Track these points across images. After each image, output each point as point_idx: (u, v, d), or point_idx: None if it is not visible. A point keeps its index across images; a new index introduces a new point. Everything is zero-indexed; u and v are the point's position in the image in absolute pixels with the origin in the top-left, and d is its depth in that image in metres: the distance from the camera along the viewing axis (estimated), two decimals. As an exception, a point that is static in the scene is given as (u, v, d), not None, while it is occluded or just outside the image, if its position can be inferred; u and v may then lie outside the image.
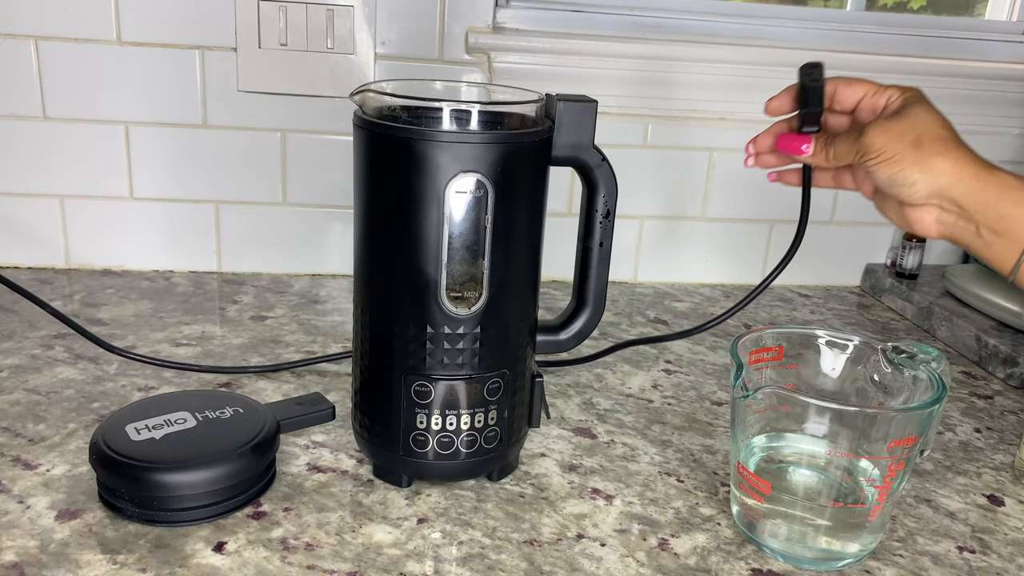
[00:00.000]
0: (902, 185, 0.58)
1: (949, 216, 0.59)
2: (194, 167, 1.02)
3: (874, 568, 0.58)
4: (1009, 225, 0.57)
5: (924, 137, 0.58)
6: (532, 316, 0.64)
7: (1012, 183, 0.57)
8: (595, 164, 0.62)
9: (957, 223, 0.59)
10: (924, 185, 0.58)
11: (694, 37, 1.09)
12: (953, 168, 0.57)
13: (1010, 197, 0.57)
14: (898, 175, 0.58)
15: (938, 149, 0.57)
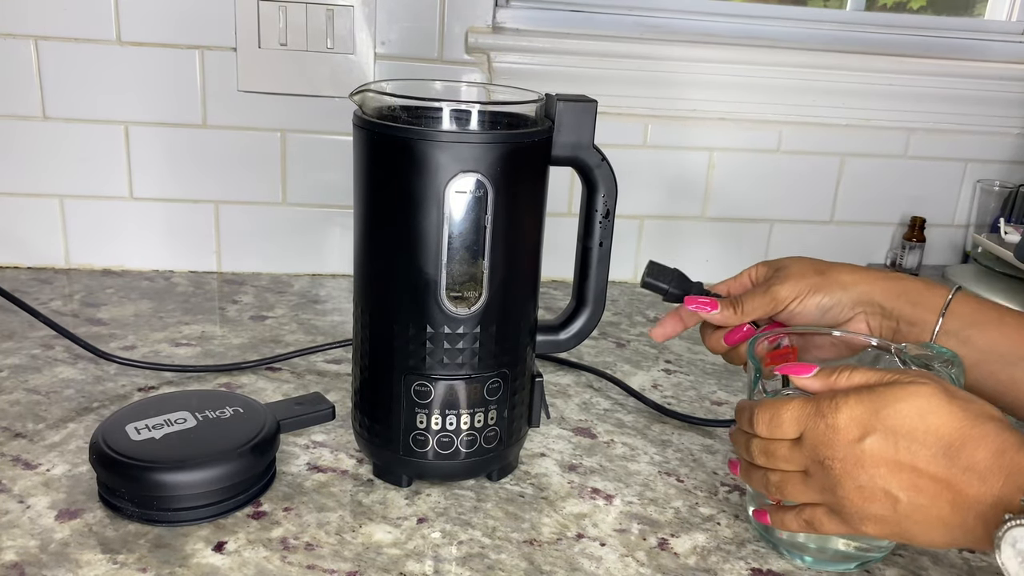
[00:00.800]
0: (831, 307, 0.64)
1: (874, 319, 0.64)
2: (194, 167, 1.02)
3: (874, 568, 0.58)
4: (920, 313, 0.62)
5: (820, 267, 0.65)
6: (532, 316, 0.64)
7: (912, 280, 0.64)
8: (595, 164, 0.62)
9: (882, 323, 0.64)
10: (848, 298, 0.63)
11: (694, 37, 1.10)
12: (860, 278, 0.64)
13: (914, 290, 0.63)
14: (823, 301, 0.64)
15: (837, 269, 0.65)
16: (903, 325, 0.62)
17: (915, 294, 0.63)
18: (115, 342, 0.85)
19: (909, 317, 0.62)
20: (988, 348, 0.60)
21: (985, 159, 1.18)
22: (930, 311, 0.62)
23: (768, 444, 0.51)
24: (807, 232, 1.17)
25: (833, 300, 0.63)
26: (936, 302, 0.62)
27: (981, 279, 1.04)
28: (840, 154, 1.14)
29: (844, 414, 0.48)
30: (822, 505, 0.50)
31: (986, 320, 0.61)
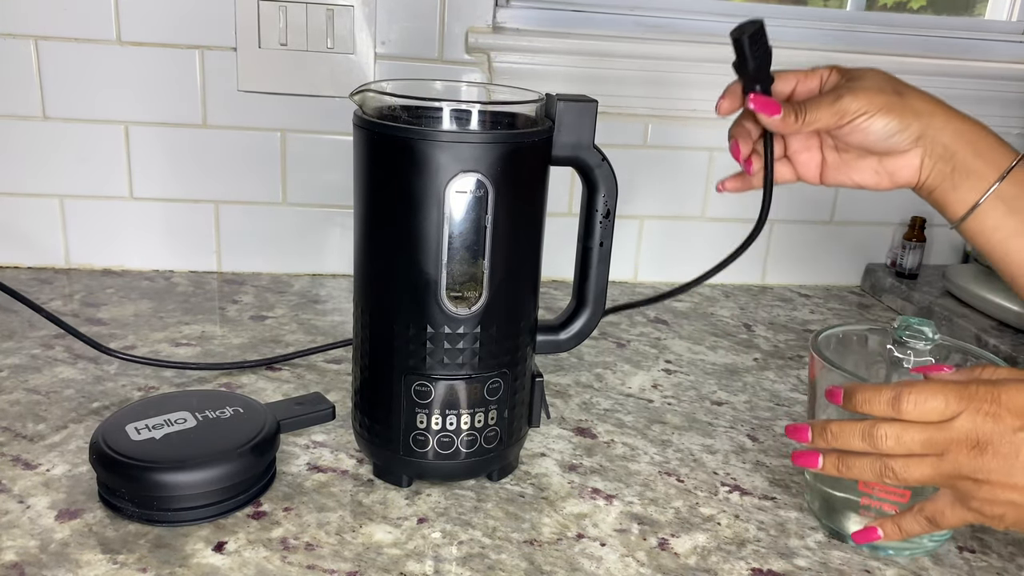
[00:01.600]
0: (896, 134, 0.59)
1: (930, 158, 0.60)
2: (194, 167, 1.02)
3: (874, 568, 0.58)
4: (979, 166, 0.59)
5: (898, 87, 0.60)
6: (532, 316, 0.64)
7: (983, 128, 0.60)
8: (595, 164, 0.62)
9: (936, 166, 0.60)
10: (916, 128, 0.59)
11: (694, 37, 1.09)
12: (938, 108, 0.60)
13: (984, 139, 0.59)
14: (891, 125, 0.59)
15: (917, 95, 0.60)
16: (958, 173, 0.59)
17: (983, 145, 0.59)
18: (115, 342, 0.85)
19: (969, 166, 0.59)
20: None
21: (985, 159, 1.18)
22: (992, 167, 0.59)
23: (905, 427, 0.49)
24: (807, 232, 1.17)
25: (902, 126, 0.59)
26: (1001, 161, 0.59)
27: (981, 279, 1.04)
28: (840, 154, 1.13)
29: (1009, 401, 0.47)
30: (945, 496, 0.50)
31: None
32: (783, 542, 0.60)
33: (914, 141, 0.60)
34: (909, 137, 0.59)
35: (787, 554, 0.59)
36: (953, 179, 0.60)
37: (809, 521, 0.63)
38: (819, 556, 0.59)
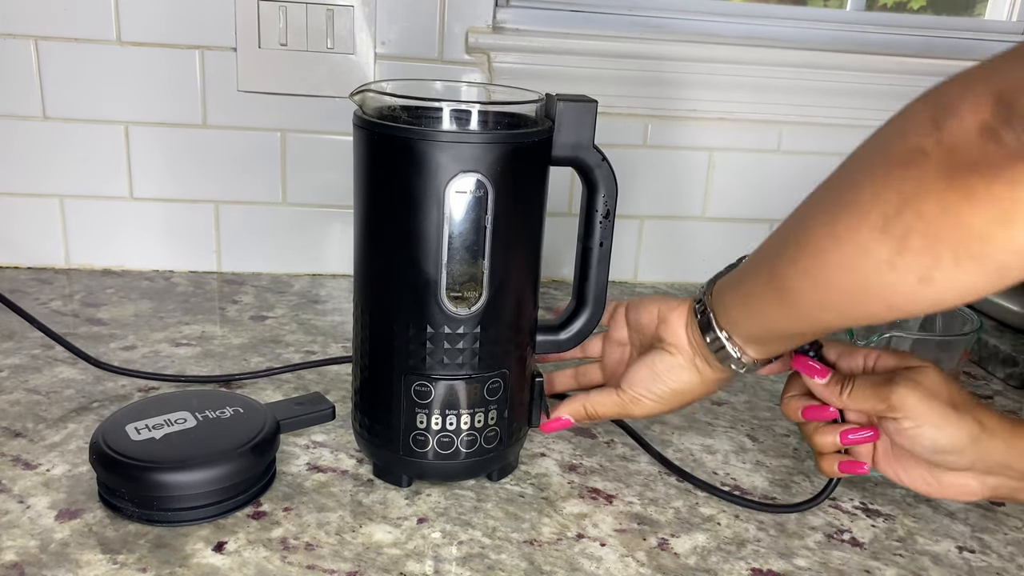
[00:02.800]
0: (949, 452, 0.53)
1: (998, 479, 0.54)
2: (194, 167, 1.02)
3: (874, 568, 0.58)
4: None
5: (956, 400, 0.53)
6: (532, 316, 0.64)
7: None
8: (595, 164, 0.62)
9: (1009, 483, 0.54)
10: (972, 452, 0.52)
11: (694, 37, 1.09)
12: (995, 432, 0.53)
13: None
14: (943, 441, 0.53)
15: (974, 414, 0.53)
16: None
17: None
18: (115, 342, 0.85)
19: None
20: None
21: (985, 159, 1.17)
22: None
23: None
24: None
25: (955, 446, 0.52)
26: None
27: (981, 279, 1.04)
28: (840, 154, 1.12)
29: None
30: None
31: None
32: (783, 542, 0.60)
33: (970, 461, 0.53)
34: (961, 459, 0.53)
35: (787, 554, 0.59)
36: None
37: (809, 521, 0.63)
38: (819, 556, 0.59)
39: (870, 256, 0.42)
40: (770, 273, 0.50)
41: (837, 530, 0.62)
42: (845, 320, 0.49)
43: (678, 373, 0.60)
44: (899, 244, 0.40)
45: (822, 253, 0.45)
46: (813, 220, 0.46)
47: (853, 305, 0.45)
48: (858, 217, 0.42)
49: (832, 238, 0.44)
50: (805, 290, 0.47)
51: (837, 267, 0.44)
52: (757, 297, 0.53)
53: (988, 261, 0.38)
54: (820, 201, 0.47)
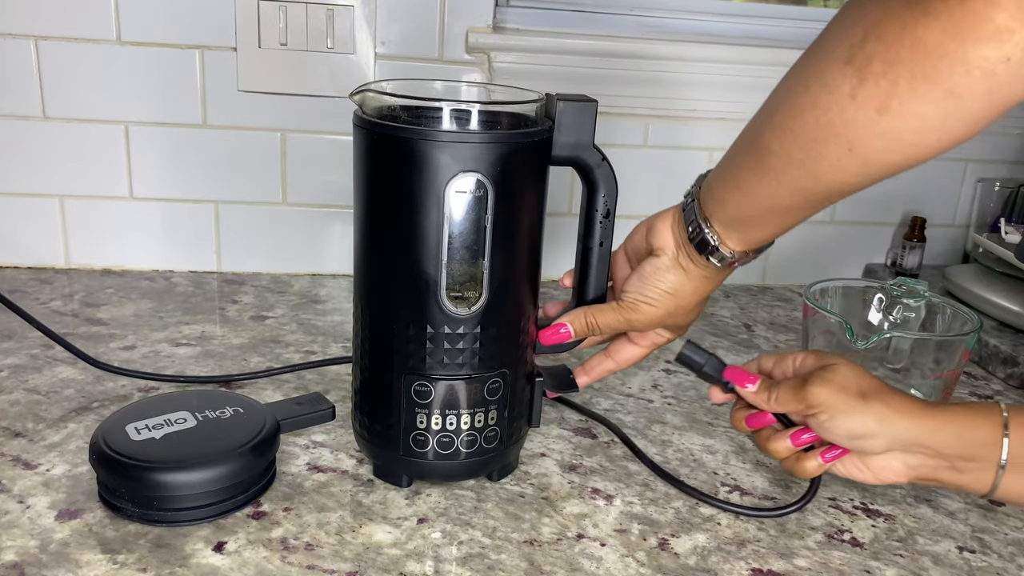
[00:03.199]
0: (863, 437, 0.57)
1: (916, 458, 0.57)
2: (194, 167, 1.02)
3: (874, 568, 0.58)
4: (975, 450, 0.55)
5: (864, 388, 0.57)
6: (532, 316, 0.64)
7: (960, 412, 0.57)
8: (595, 164, 0.62)
9: (927, 462, 0.57)
10: (884, 434, 0.56)
11: (694, 37, 1.09)
12: (904, 414, 0.57)
13: (965, 423, 0.56)
14: (855, 427, 0.57)
15: (882, 399, 0.57)
16: (957, 462, 0.56)
17: (967, 430, 0.55)
18: (115, 342, 0.85)
19: (964, 455, 0.56)
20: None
21: (985, 159, 1.18)
22: (988, 445, 0.55)
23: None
24: (807, 232, 1.16)
25: (866, 431, 0.56)
26: (993, 434, 0.55)
27: (981, 279, 1.04)
28: (840, 154, 1.13)
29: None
30: None
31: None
32: (783, 542, 0.60)
33: (886, 443, 0.57)
34: (876, 443, 0.57)
35: (787, 554, 0.59)
36: (955, 468, 0.56)
37: (809, 521, 0.63)
38: (819, 556, 0.59)
39: (835, 91, 0.45)
40: (750, 137, 0.54)
41: (837, 530, 0.62)
42: (815, 181, 0.50)
43: (663, 273, 0.62)
44: (860, 73, 0.44)
45: (793, 98, 0.49)
46: (787, 77, 0.50)
47: (820, 154, 0.48)
48: (827, 54, 0.46)
49: (803, 83, 0.48)
50: (775, 144, 0.51)
51: (804, 108, 0.48)
52: (739, 166, 0.56)
53: (941, 80, 0.41)
54: (797, 63, 0.50)
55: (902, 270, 1.14)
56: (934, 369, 0.72)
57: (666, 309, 0.63)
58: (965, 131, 0.44)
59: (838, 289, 0.81)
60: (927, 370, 0.73)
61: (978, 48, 0.39)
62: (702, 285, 0.63)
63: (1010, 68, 0.40)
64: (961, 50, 0.40)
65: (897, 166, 0.47)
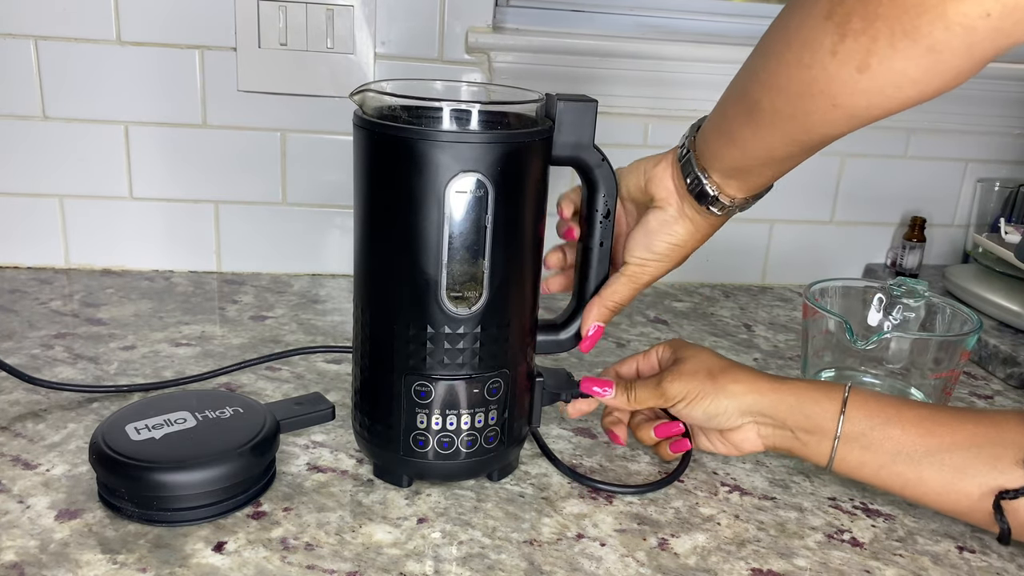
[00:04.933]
0: (717, 415, 0.63)
1: (766, 428, 0.63)
2: (194, 167, 1.02)
3: (874, 568, 0.58)
4: (816, 422, 0.61)
5: (713, 370, 0.64)
6: (532, 316, 0.64)
7: (803, 387, 0.63)
8: (595, 164, 0.62)
9: (775, 432, 0.63)
10: (734, 408, 0.63)
11: (694, 37, 1.09)
12: (750, 387, 0.63)
13: (807, 398, 0.62)
14: (710, 407, 0.63)
15: (730, 376, 0.64)
16: (800, 433, 0.62)
17: (808, 404, 0.62)
18: (115, 342, 0.85)
19: (804, 425, 0.61)
20: (893, 449, 0.59)
21: (985, 159, 1.18)
22: (826, 418, 0.61)
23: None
24: (807, 232, 1.17)
25: (719, 408, 0.63)
26: (831, 409, 0.61)
27: (981, 279, 1.04)
28: (840, 154, 1.14)
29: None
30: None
31: (886, 419, 0.60)
32: (783, 542, 0.60)
33: (739, 417, 0.63)
34: (730, 418, 0.63)
35: (787, 554, 0.59)
36: (798, 438, 0.62)
37: (809, 521, 0.63)
38: (819, 556, 0.59)
39: (816, 48, 0.46)
40: (740, 93, 0.55)
41: (837, 530, 0.62)
42: (806, 132, 0.51)
43: (671, 225, 0.62)
44: (840, 29, 0.44)
45: (777, 56, 0.49)
46: (770, 31, 0.50)
47: (807, 110, 0.49)
48: (808, 10, 0.46)
49: (785, 40, 0.48)
50: (765, 101, 0.51)
51: (788, 65, 0.48)
52: (730, 120, 0.56)
53: (920, 37, 0.41)
54: (778, 17, 0.50)
55: (902, 270, 1.14)
56: (934, 369, 0.72)
57: (673, 262, 0.64)
58: (945, 85, 0.44)
59: (838, 289, 0.81)
60: (927, 370, 0.73)
61: (957, 4, 0.39)
62: (707, 232, 0.64)
63: (990, 23, 0.39)
64: (941, 6, 0.40)
65: (883, 116, 0.47)
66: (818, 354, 0.77)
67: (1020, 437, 0.56)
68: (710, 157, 0.59)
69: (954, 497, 0.58)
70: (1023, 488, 0.55)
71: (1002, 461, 0.56)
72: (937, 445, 0.58)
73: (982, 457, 0.57)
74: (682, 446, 0.67)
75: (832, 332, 0.74)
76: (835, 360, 0.77)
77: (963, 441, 0.58)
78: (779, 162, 0.57)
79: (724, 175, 0.59)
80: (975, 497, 0.57)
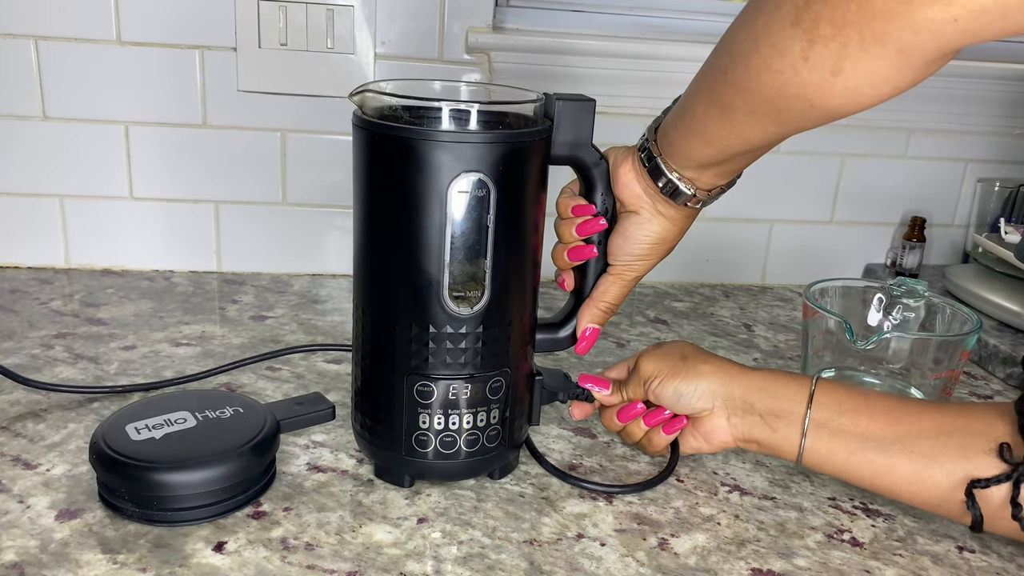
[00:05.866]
0: (687, 394, 0.64)
1: (735, 415, 0.63)
2: (194, 167, 1.02)
3: (874, 568, 0.58)
4: (784, 405, 0.62)
5: (686, 352, 0.66)
6: (533, 315, 0.64)
7: (773, 373, 0.64)
8: (593, 163, 0.62)
9: (744, 419, 0.63)
10: (704, 388, 0.64)
11: (694, 37, 1.09)
12: (720, 369, 0.64)
13: (776, 382, 0.63)
14: (680, 386, 0.64)
15: (701, 359, 0.65)
16: (769, 419, 0.62)
17: (777, 388, 0.62)
18: (115, 342, 0.85)
19: (772, 409, 0.62)
20: (861, 435, 0.59)
21: (985, 159, 1.18)
22: (796, 403, 0.61)
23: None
24: (807, 232, 1.17)
25: (688, 388, 0.64)
26: (800, 393, 0.61)
27: (981, 279, 1.04)
28: (840, 154, 1.14)
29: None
30: None
31: (854, 407, 0.60)
32: (783, 542, 0.60)
33: (709, 399, 0.64)
34: (700, 397, 0.64)
35: (787, 554, 0.59)
36: (767, 424, 0.62)
37: (809, 521, 0.63)
38: (819, 556, 0.59)
39: (786, 54, 0.45)
40: (709, 93, 0.54)
41: (837, 530, 0.62)
42: (784, 126, 0.52)
43: (647, 227, 0.63)
44: (809, 35, 0.44)
45: (745, 59, 0.48)
46: (735, 31, 0.50)
47: (783, 109, 0.49)
48: (772, 14, 0.45)
49: (752, 42, 0.48)
50: (739, 102, 0.51)
51: (759, 70, 0.48)
52: (701, 120, 0.55)
53: (890, 41, 0.41)
54: (742, 15, 0.50)
55: (902, 270, 1.14)
56: (934, 369, 0.72)
57: (658, 256, 0.65)
58: (918, 78, 0.44)
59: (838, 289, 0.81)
60: (927, 370, 0.73)
61: (925, 10, 0.39)
62: (685, 223, 0.65)
63: (958, 27, 0.39)
64: (908, 12, 0.40)
65: (861, 111, 0.47)
66: (818, 354, 0.77)
67: (987, 427, 0.56)
68: (681, 156, 0.59)
69: (924, 486, 0.58)
70: (995, 477, 0.55)
71: (970, 449, 0.56)
72: (905, 433, 0.58)
73: (950, 445, 0.57)
74: (677, 424, 0.66)
75: (832, 332, 0.74)
76: (835, 360, 0.77)
77: (931, 430, 0.58)
78: (756, 150, 0.57)
79: (698, 170, 0.59)
80: (945, 487, 0.57)
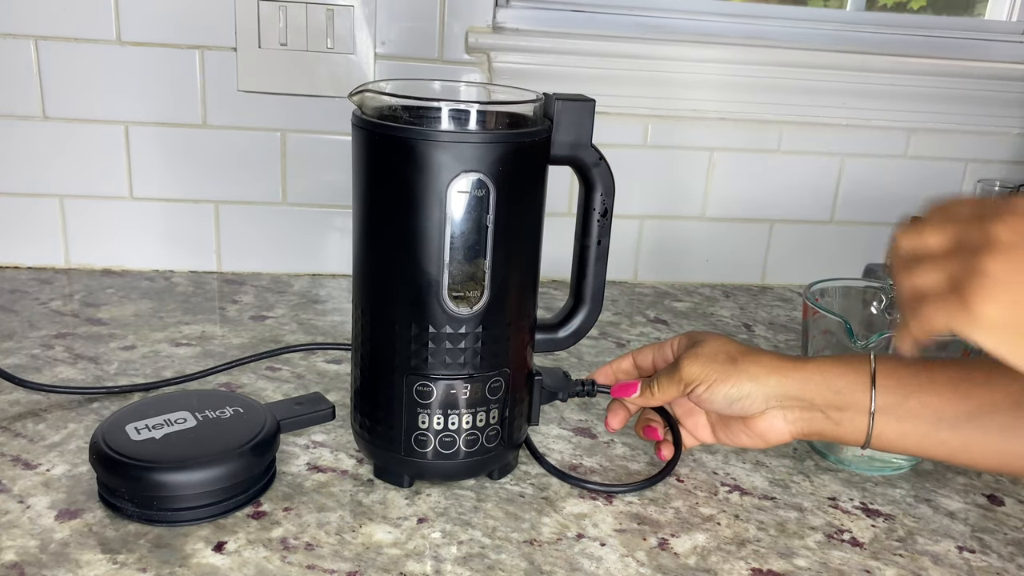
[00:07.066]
0: (739, 399, 0.60)
1: (793, 412, 0.60)
2: (194, 167, 1.02)
3: (874, 568, 0.58)
4: (846, 398, 0.58)
5: (732, 353, 0.61)
6: (532, 314, 0.64)
7: (828, 362, 0.60)
8: (592, 163, 0.62)
9: (803, 415, 0.60)
10: (758, 392, 0.60)
11: (694, 37, 1.09)
12: (773, 369, 0.60)
13: (833, 372, 0.59)
14: (731, 391, 0.60)
15: (751, 359, 0.60)
16: (831, 412, 0.59)
17: (835, 378, 0.59)
18: (115, 342, 0.85)
19: (834, 402, 0.59)
20: (932, 416, 0.57)
21: (985, 159, 1.18)
22: (857, 392, 0.58)
23: None
24: (807, 232, 1.17)
25: (742, 392, 0.60)
26: (860, 381, 0.58)
27: (981, 279, 1.04)
28: (840, 154, 1.14)
29: None
30: None
31: (919, 385, 0.57)
32: (783, 542, 0.60)
33: (763, 402, 0.60)
34: (754, 402, 0.60)
35: (787, 554, 0.59)
36: (829, 418, 0.59)
37: (809, 521, 0.63)
38: (819, 556, 0.59)
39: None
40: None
41: (837, 530, 0.62)
42: None
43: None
44: None
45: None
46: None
47: None
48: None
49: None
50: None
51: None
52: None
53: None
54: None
55: (902, 270, 1.14)
56: None
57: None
58: None
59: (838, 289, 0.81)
60: (927, 370, 0.73)
61: None
62: None
63: None
64: None
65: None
66: (818, 354, 0.77)
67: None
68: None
69: (1004, 459, 0.56)
70: None
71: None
72: (978, 408, 0.56)
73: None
74: (666, 451, 0.66)
75: (832, 332, 0.74)
76: (835, 360, 0.77)
77: (1003, 401, 0.55)
78: None
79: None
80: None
